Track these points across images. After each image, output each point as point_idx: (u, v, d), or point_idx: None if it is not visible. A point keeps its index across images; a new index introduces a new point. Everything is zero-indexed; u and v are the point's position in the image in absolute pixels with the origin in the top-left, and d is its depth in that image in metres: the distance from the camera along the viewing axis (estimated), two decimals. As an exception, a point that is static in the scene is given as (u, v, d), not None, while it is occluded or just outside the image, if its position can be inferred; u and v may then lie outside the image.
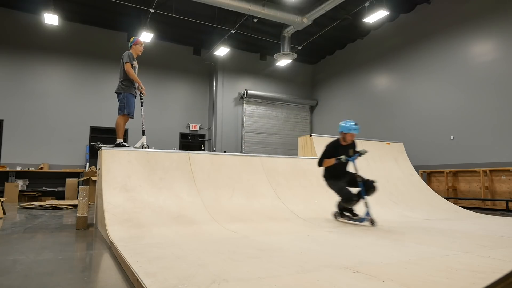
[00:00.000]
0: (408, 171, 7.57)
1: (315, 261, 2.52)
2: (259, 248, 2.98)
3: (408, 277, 2.11)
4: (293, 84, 15.05)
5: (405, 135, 10.39)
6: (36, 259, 2.75)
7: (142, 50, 5.67)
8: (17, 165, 10.35)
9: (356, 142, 5.04)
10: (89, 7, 10.94)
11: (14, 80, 10.78)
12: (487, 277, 2.13)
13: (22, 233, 4.13)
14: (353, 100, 13.09)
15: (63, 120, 11.26)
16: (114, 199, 4.21)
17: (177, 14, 10.45)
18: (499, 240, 3.53)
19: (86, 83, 11.75)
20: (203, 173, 5.21)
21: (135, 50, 5.56)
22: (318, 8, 10.05)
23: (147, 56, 11.45)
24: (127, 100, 5.33)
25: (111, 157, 4.70)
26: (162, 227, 3.93)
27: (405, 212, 5.80)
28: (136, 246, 3.04)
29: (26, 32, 11.01)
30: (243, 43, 13.26)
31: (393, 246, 3.12)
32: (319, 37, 12.32)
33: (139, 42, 5.60)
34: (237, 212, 4.74)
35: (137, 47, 5.57)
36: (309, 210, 5.24)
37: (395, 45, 11.47)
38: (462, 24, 9.49)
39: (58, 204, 7.49)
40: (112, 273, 2.49)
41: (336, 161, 4.72)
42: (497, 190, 8.17)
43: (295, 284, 1.98)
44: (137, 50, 5.57)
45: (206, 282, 1.96)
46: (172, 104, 13.17)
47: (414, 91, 10.71)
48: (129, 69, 5.27)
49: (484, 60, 8.91)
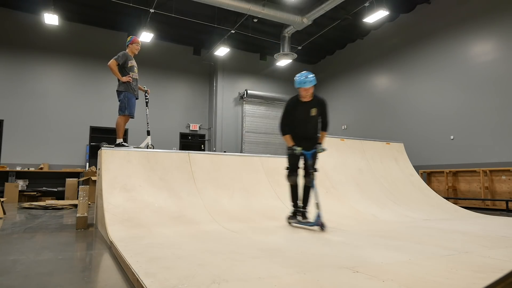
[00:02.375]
0: (408, 171, 7.57)
1: (315, 261, 2.52)
2: (259, 248, 2.98)
3: (408, 277, 2.11)
4: (293, 84, 15.02)
5: (405, 135, 10.38)
6: (36, 259, 2.75)
7: (139, 49, 5.65)
8: (17, 165, 10.35)
9: (322, 99, 4.36)
10: (89, 7, 10.95)
11: (14, 80, 10.78)
12: (487, 277, 2.13)
13: (22, 233, 4.13)
14: (353, 100, 13.09)
15: (63, 120, 11.26)
16: (114, 199, 4.21)
17: (177, 14, 10.45)
18: (499, 240, 3.52)
19: (86, 83, 11.75)
20: (203, 173, 5.21)
21: (131, 49, 5.56)
22: (318, 8, 10.05)
23: (147, 56, 11.48)
24: (128, 100, 5.32)
25: (111, 157, 4.70)
26: (162, 227, 3.93)
27: (405, 212, 5.79)
28: (136, 246, 3.04)
29: (26, 32, 11.01)
30: (243, 43, 13.26)
31: (393, 246, 3.12)
32: (319, 37, 12.32)
33: (135, 41, 5.60)
34: (237, 212, 4.74)
35: (133, 46, 5.56)
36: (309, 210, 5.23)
37: (395, 45, 11.47)
38: (462, 24, 9.49)
39: (58, 204, 7.49)
40: (112, 273, 2.49)
41: (288, 151, 4.22)
42: (497, 190, 8.17)
43: (295, 284, 1.98)
44: (133, 49, 5.57)
45: (206, 282, 1.96)
46: (172, 104, 13.17)
47: (414, 91, 10.71)
48: (112, 66, 5.25)
49: (484, 60, 8.91)
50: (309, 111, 4.28)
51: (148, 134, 5.66)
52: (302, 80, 4.16)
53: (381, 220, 5.12)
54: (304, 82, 4.15)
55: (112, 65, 5.27)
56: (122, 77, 5.34)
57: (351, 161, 6.91)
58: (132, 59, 5.53)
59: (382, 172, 7.09)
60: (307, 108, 4.27)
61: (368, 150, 7.39)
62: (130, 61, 5.46)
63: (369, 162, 7.14)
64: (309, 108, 4.28)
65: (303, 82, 4.15)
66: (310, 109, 4.27)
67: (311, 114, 4.28)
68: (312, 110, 4.28)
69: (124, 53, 5.42)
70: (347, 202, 5.77)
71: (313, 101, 4.29)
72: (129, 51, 5.54)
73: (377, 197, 6.24)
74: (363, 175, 6.76)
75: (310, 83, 4.16)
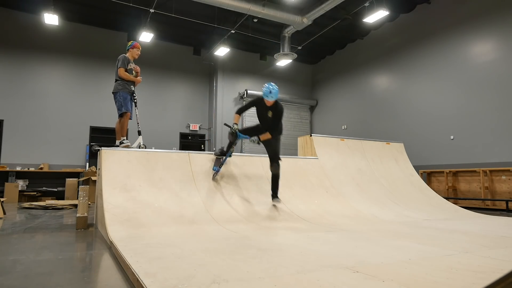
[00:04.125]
0: (408, 171, 7.57)
1: (315, 261, 2.52)
2: (259, 248, 2.98)
3: (408, 277, 2.11)
4: (293, 84, 15.05)
5: (405, 135, 10.38)
6: (36, 259, 2.75)
7: (139, 54, 5.74)
8: (17, 165, 10.35)
9: (279, 105, 4.95)
10: (89, 7, 10.95)
11: (14, 80, 10.78)
12: (487, 277, 2.13)
13: (22, 233, 4.13)
14: (353, 100, 13.09)
15: (63, 120, 11.26)
16: (114, 199, 4.21)
17: (177, 14, 10.44)
18: (499, 240, 3.53)
19: (86, 83, 11.75)
20: (203, 173, 5.21)
21: (131, 53, 5.63)
22: (318, 8, 10.05)
23: (147, 56, 11.46)
24: (123, 99, 5.38)
25: (111, 157, 4.70)
26: (162, 227, 3.93)
27: (405, 212, 5.79)
28: (136, 246, 3.04)
29: (26, 32, 11.01)
30: (243, 43, 13.26)
31: (393, 246, 3.12)
32: (319, 37, 12.32)
33: (136, 46, 5.68)
34: (237, 212, 4.74)
35: (134, 50, 5.64)
36: (309, 210, 5.24)
37: (395, 45, 11.47)
38: (462, 24, 9.49)
39: (58, 204, 7.49)
40: (112, 273, 2.49)
41: (230, 126, 5.01)
42: (497, 190, 8.17)
43: (295, 284, 1.98)
44: (133, 54, 5.65)
45: (206, 282, 1.96)
46: (172, 104, 13.17)
47: (414, 91, 10.71)
48: (122, 73, 5.38)
49: (484, 60, 8.91)
50: (267, 112, 4.96)
51: (139, 134, 5.67)
52: (268, 94, 4.78)
53: (381, 220, 5.12)
54: (268, 96, 4.79)
55: (122, 73, 5.39)
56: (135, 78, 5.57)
57: (351, 161, 6.91)
58: (132, 63, 5.62)
59: (382, 172, 7.09)
60: (266, 110, 4.97)
61: (368, 150, 7.39)
62: (130, 64, 5.56)
63: (369, 162, 7.14)
64: (268, 110, 4.95)
65: (268, 96, 4.79)
66: (269, 111, 4.95)
67: (268, 115, 4.98)
68: (270, 112, 4.96)
69: (124, 57, 5.50)
70: (347, 202, 5.77)
71: (273, 106, 4.93)
72: (129, 55, 5.62)
73: (377, 197, 6.24)
74: (363, 175, 6.76)
75: (272, 99, 4.80)
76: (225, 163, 5.32)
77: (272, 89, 4.76)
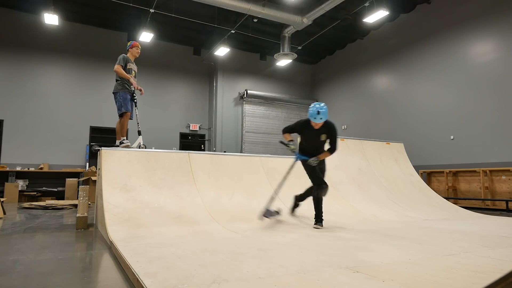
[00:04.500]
0: (408, 171, 7.57)
1: (315, 261, 2.52)
2: (259, 248, 2.98)
3: (408, 277, 2.11)
4: (293, 84, 15.05)
5: (405, 135, 10.38)
6: (36, 259, 2.75)
7: (139, 53, 5.81)
8: (17, 165, 10.35)
9: (331, 125, 4.42)
10: (89, 7, 10.95)
11: (14, 80, 10.78)
12: (487, 277, 2.13)
13: (22, 233, 4.13)
14: (353, 100, 13.09)
15: (63, 120, 11.26)
16: (114, 199, 4.21)
17: (177, 14, 10.44)
18: (499, 240, 3.53)
19: (86, 83, 11.75)
20: (203, 173, 5.21)
21: (131, 53, 5.71)
22: (318, 8, 10.05)
23: (147, 56, 11.48)
24: (123, 99, 5.41)
25: (111, 157, 4.70)
26: (162, 227, 3.93)
27: (405, 212, 5.79)
28: (136, 246, 3.04)
29: (26, 32, 11.01)
30: (243, 43, 13.26)
31: (393, 246, 3.12)
32: (319, 37, 12.32)
33: (135, 45, 5.74)
34: (237, 212, 4.74)
35: (133, 50, 5.71)
36: (309, 210, 5.23)
37: (395, 45, 11.47)
38: (462, 24, 9.49)
39: (58, 204, 7.49)
40: (112, 273, 2.49)
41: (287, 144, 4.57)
42: (497, 190, 8.17)
43: (295, 284, 1.98)
44: (133, 53, 5.72)
45: (206, 282, 1.96)
46: (172, 104, 13.17)
47: (414, 91, 10.71)
48: (118, 70, 5.41)
49: (484, 60, 8.91)
50: (320, 136, 4.42)
51: (139, 134, 5.68)
52: (314, 115, 4.23)
53: (381, 220, 5.12)
54: (314, 117, 4.24)
55: (118, 69, 5.43)
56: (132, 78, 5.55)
57: (351, 161, 6.90)
58: (132, 63, 5.65)
59: (382, 172, 7.09)
60: (317, 133, 4.41)
61: (368, 150, 7.39)
62: (129, 64, 5.59)
63: (369, 162, 7.14)
64: (320, 134, 4.41)
65: (315, 118, 4.24)
66: (321, 134, 4.41)
67: (320, 139, 4.44)
68: (323, 136, 4.43)
69: (124, 56, 5.55)
70: (347, 202, 5.76)
71: (323, 128, 4.38)
72: (130, 54, 5.68)
73: (377, 197, 6.24)
74: (363, 175, 6.76)
75: (321, 120, 4.25)
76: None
77: (320, 109, 4.19)
